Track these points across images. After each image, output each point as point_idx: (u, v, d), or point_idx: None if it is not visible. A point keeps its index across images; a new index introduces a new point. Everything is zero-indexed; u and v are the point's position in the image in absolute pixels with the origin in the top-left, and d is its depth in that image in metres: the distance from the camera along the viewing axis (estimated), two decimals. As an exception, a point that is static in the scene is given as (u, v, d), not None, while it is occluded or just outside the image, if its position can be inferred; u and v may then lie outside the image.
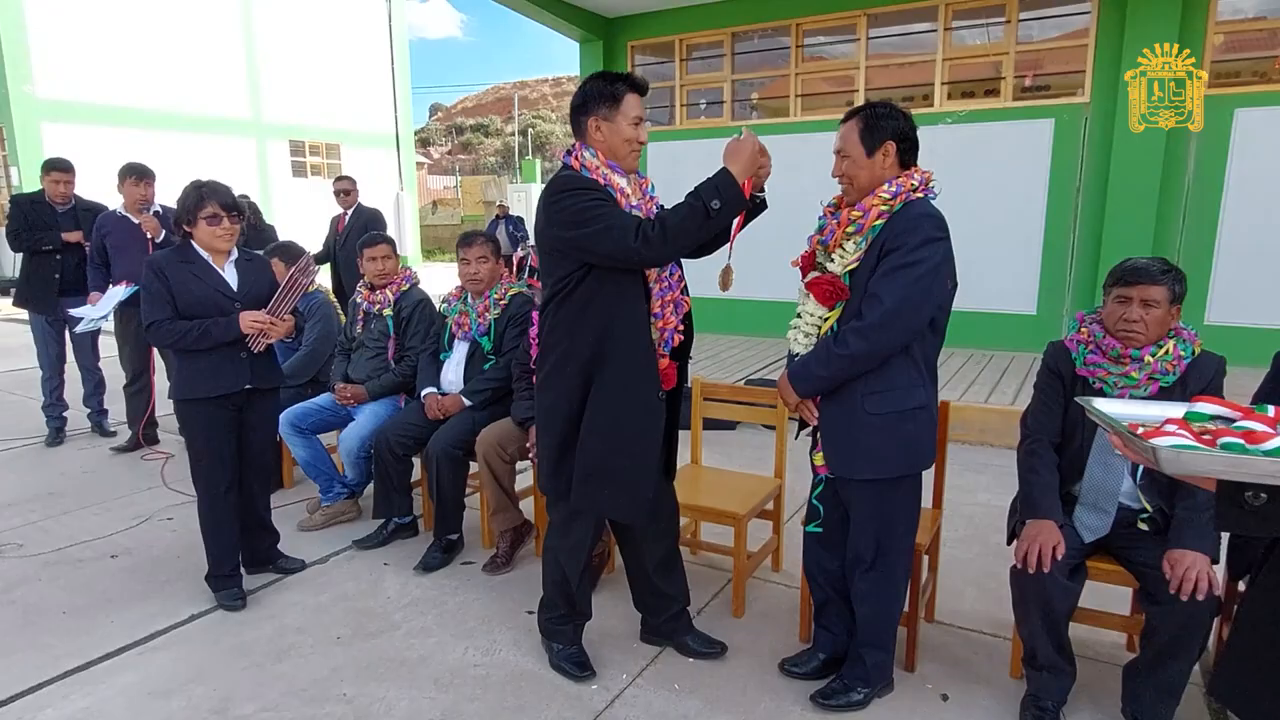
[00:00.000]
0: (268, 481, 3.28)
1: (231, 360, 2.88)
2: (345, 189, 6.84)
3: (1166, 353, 2.17)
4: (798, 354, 2.21)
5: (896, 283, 1.98)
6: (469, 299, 3.54)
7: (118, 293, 4.56)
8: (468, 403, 3.39)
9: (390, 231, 5.03)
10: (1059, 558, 2.12)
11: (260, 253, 3.50)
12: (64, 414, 5.24)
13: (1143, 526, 2.22)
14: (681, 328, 2.32)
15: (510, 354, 3.40)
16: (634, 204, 2.20)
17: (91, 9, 13.92)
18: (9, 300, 5.52)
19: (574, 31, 8.33)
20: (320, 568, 3.30)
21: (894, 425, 2.10)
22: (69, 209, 4.97)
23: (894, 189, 2.06)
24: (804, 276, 2.25)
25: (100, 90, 14.17)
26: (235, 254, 2.97)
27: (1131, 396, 2.20)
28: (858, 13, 7.26)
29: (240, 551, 3.08)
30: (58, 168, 4.93)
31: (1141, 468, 2.21)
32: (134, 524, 3.78)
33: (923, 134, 7.34)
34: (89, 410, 5.33)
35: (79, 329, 4.77)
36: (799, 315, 2.21)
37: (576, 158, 2.22)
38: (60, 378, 5.17)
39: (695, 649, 2.60)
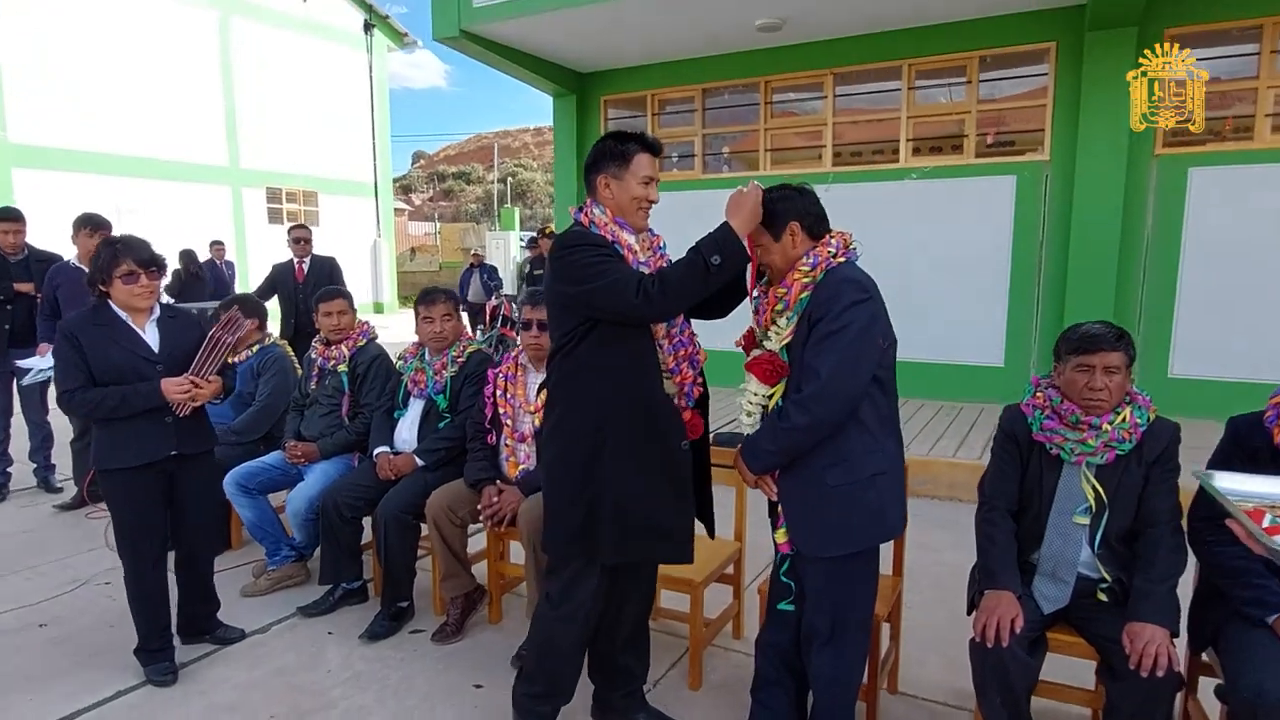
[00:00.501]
0: (209, 548, 3.13)
1: (156, 425, 2.71)
2: (304, 237, 6.78)
3: (1124, 420, 2.14)
4: (746, 433, 2.18)
5: (827, 351, 1.96)
6: (426, 355, 3.46)
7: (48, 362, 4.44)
8: (421, 462, 3.29)
9: (366, 278, 4.99)
10: (1018, 630, 2.05)
11: (213, 305, 3.43)
12: (8, 469, 5.05)
13: (1102, 597, 2.16)
14: (701, 380, 2.32)
15: (466, 413, 3.31)
16: (641, 260, 2.17)
17: (66, 54, 13.92)
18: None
19: (548, 86, 8.43)
20: (259, 637, 3.14)
21: (857, 495, 2.04)
22: (21, 259, 4.85)
23: (812, 260, 2.07)
24: (748, 354, 2.24)
25: (73, 136, 14.09)
26: (157, 312, 2.82)
27: (1088, 464, 2.17)
28: (824, 71, 7.42)
29: (175, 621, 2.93)
30: (7, 218, 4.83)
31: (1100, 535, 2.17)
32: (68, 589, 3.60)
33: (889, 188, 7.41)
34: (35, 465, 5.15)
35: (26, 380, 4.63)
36: (744, 395, 2.18)
37: (586, 214, 2.22)
38: (6, 431, 5.00)
39: (648, 727, 2.48)
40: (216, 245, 8.76)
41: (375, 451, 3.40)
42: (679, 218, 8.44)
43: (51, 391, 4.86)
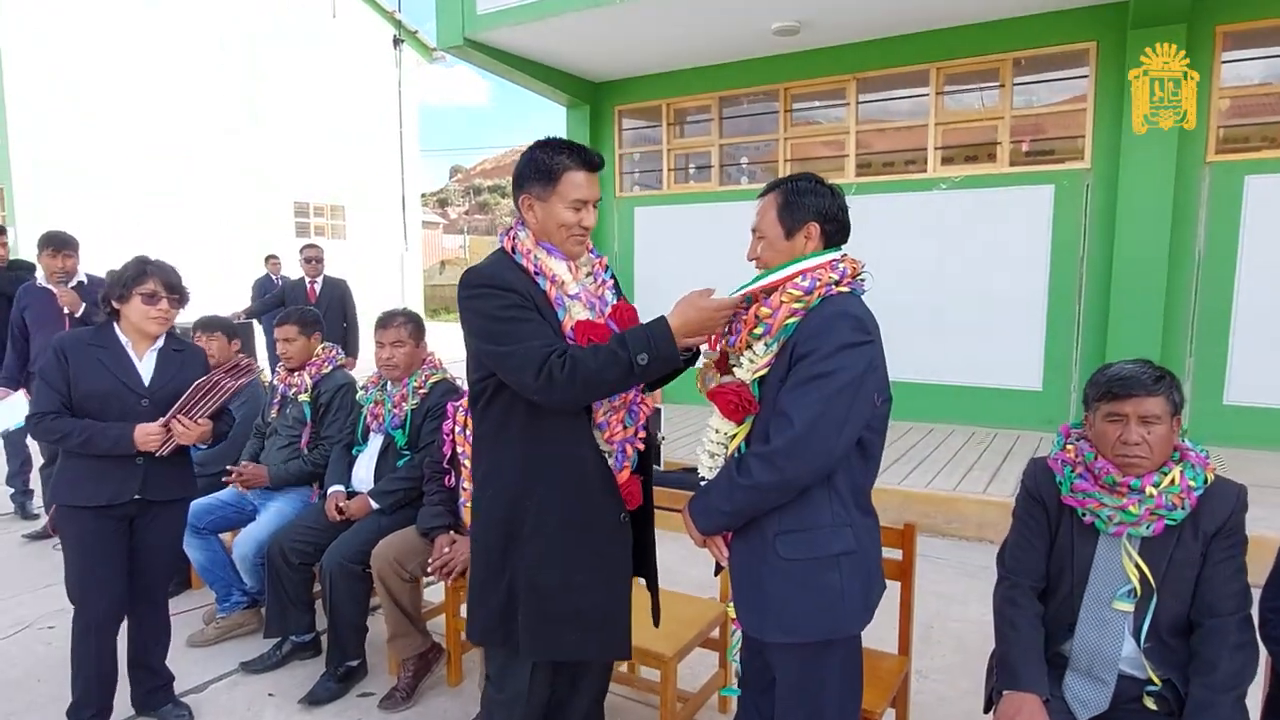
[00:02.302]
0: (157, 609, 2.71)
1: (123, 465, 2.44)
2: (316, 257, 6.63)
3: (1173, 483, 1.73)
4: (704, 478, 1.79)
5: (808, 398, 1.56)
6: (388, 386, 3.16)
7: (8, 415, 4.22)
8: (375, 505, 2.97)
9: (392, 291, 4.72)
10: (1044, 744, 1.65)
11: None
12: (-16, 495, 4.89)
13: (1150, 705, 1.74)
14: (642, 435, 1.89)
15: (426, 450, 2.99)
16: (572, 292, 1.80)
17: (95, 74, 14.10)
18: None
19: (560, 97, 8.17)
20: (194, 698, 2.83)
21: (812, 575, 1.64)
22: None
23: (809, 282, 1.65)
24: (718, 376, 1.85)
25: (101, 154, 14.25)
26: (160, 342, 2.56)
27: (1130, 535, 1.76)
28: (847, 77, 7.03)
29: (122, 687, 2.61)
30: None
31: (1146, 626, 1.75)
32: (9, 634, 3.35)
33: (916, 199, 6.93)
34: (12, 490, 4.96)
35: None
36: (706, 430, 1.79)
37: (510, 237, 1.85)
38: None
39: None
40: (272, 259, 8.69)
41: (329, 490, 3.10)
42: (696, 231, 8.17)
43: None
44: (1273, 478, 4.87)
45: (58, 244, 4.41)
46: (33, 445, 4.88)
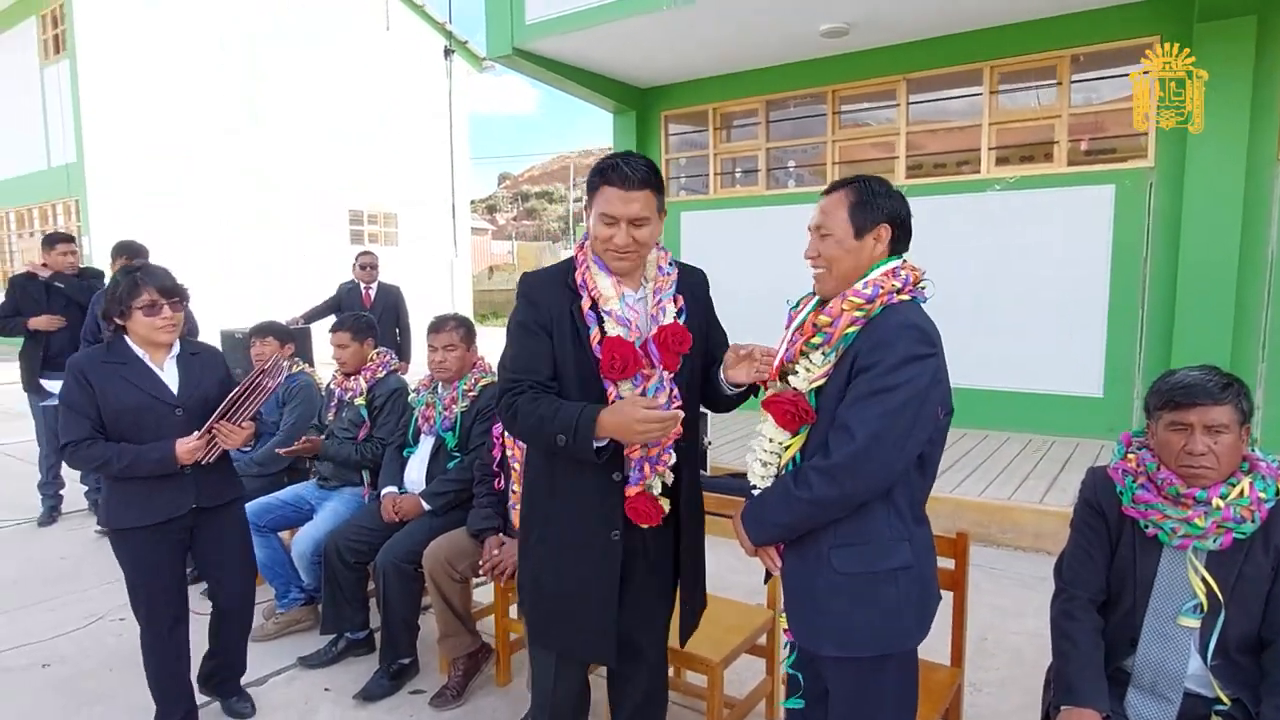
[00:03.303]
0: (244, 608, 2.74)
1: (171, 480, 2.42)
2: (371, 263, 6.79)
3: (1241, 494, 1.67)
4: (756, 486, 1.78)
5: (870, 412, 1.53)
6: (439, 389, 3.22)
7: None
8: (427, 506, 3.04)
9: (443, 296, 4.84)
10: (1105, 763, 1.60)
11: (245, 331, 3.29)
12: (60, 492, 5.12)
13: (1219, 724, 1.68)
14: (667, 458, 1.85)
15: (476, 452, 3.04)
16: (608, 309, 1.81)
17: (164, 89, 14.68)
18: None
19: (607, 102, 8.22)
20: (255, 690, 2.92)
21: (868, 589, 1.62)
22: (73, 277, 4.92)
23: (871, 290, 1.61)
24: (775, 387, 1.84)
25: (170, 165, 14.82)
26: (177, 348, 2.53)
27: (1196, 548, 1.70)
28: (897, 77, 6.92)
29: (196, 682, 2.69)
30: (62, 240, 4.95)
31: (1214, 643, 1.69)
32: (82, 625, 3.51)
33: (969, 201, 6.77)
34: (86, 487, 5.19)
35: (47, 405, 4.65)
36: (758, 438, 1.78)
37: (580, 246, 1.91)
38: (58, 455, 5.05)
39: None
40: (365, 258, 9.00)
41: (383, 491, 3.17)
42: (743, 235, 8.14)
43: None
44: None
45: (130, 252, 4.62)
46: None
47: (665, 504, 1.86)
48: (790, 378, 1.70)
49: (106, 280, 4.85)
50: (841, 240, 1.68)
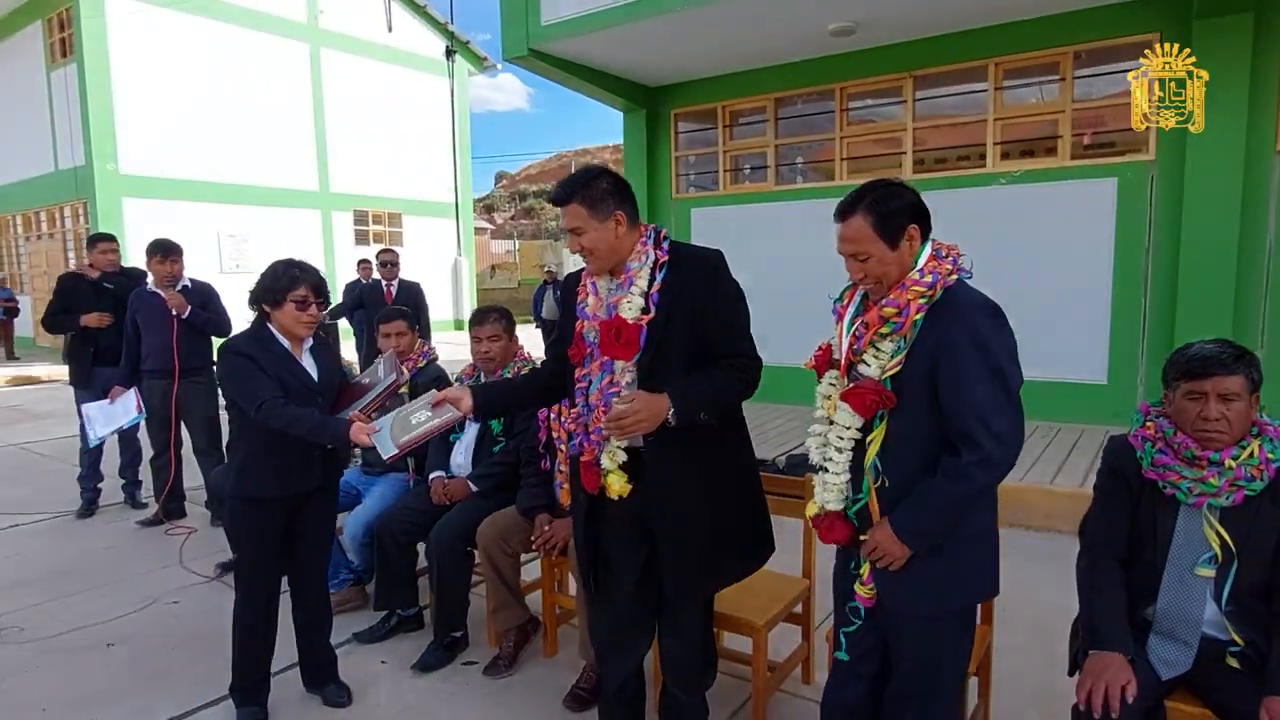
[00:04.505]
0: (322, 594, 2.87)
1: (304, 459, 2.59)
2: (391, 260, 6.95)
3: (1251, 455, 1.83)
4: (817, 463, 1.94)
5: (999, 397, 1.71)
6: (481, 378, 3.38)
7: (120, 413, 4.64)
8: (474, 488, 3.19)
9: (447, 295, 4.99)
10: (1129, 699, 1.76)
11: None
12: (98, 485, 5.26)
13: (1233, 663, 1.85)
14: (598, 435, 2.08)
15: (520, 436, 3.20)
16: (586, 301, 2.19)
17: (170, 91, 14.81)
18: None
19: (617, 101, 8.38)
20: (315, 665, 3.08)
21: (960, 552, 1.82)
22: (115, 275, 5.07)
23: (931, 277, 1.76)
24: (820, 377, 2.00)
25: (177, 166, 14.96)
26: (309, 341, 2.70)
27: (1210, 505, 1.86)
28: (904, 74, 7.09)
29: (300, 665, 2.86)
30: (103, 239, 5.11)
31: (1228, 590, 1.85)
32: (139, 607, 3.67)
33: (975, 195, 6.97)
34: (123, 481, 5.34)
35: (93, 440, 4.78)
36: (828, 425, 1.91)
37: None
38: (98, 449, 5.19)
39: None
40: (364, 264, 9.16)
41: (431, 475, 3.33)
42: (752, 230, 8.30)
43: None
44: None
45: (165, 250, 4.76)
46: (141, 439, 5.24)
47: (618, 478, 2.08)
48: (860, 368, 1.85)
49: (148, 281, 5.01)
50: (881, 257, 1.79)
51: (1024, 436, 1.75)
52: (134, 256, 5.27)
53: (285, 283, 2.57)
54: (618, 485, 2.07)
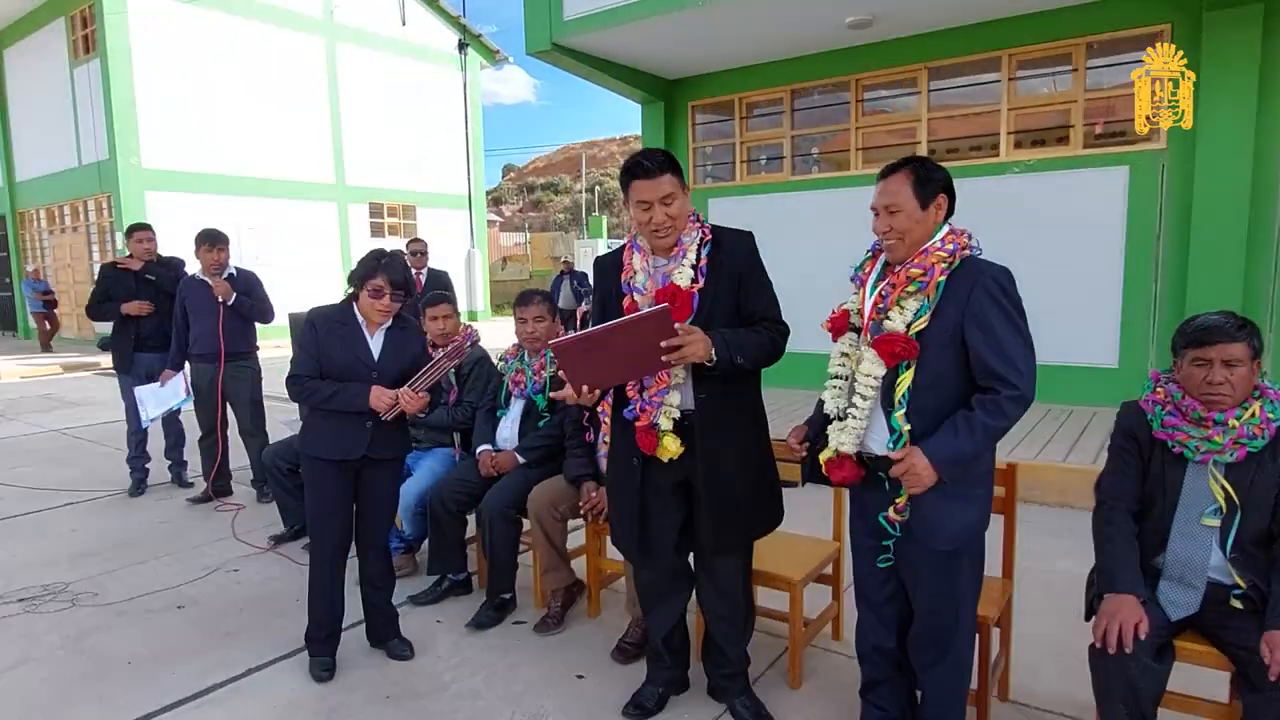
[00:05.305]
0: (381, 555, 3.05)
1: (355, 428, 2.83)
2: (420, 250, 7.12)
3: (1253, 415, 2.01)
4: (833, 413, 2.16)
5: (1020, 340, 1.98)
6: (525, 356, 3.58)
7: (170, 395, 4.92)
8: (521, 460, 3.40)
9: (461, 287, 5.17)
10: (1142, 636, 1.95)
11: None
12: (146, 465, 5.49)
13: (1236, 604, 2.03)
14: (673, 401, 2.28)
15: (564, 411, 3.40)
16: (636, 281, 2.36)
17: (191, 85, 15.04)
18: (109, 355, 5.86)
19: (636, 94, 8.55)
20: (375, 624, 3.30)
21: (969, 490, 2.05)
22: (153, 263, 5.28)
23: (951, 246, 2.02)
24: (835, 338, 2.22)
25: (198, 160, 15.20)
26: (389, 322, 2.93)
27: (1216, 462, 2.05)
28: (918, 66, 7.24)
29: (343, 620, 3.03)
30: (141, 228, 5.34)
31: (1232, 538, 2.04)
32: (202, 575, 3.89)
33: (988, 184, 7.17)
34: (169, 462, 5.57)
35: (146, 420, 5.04)
36: (852, 378, 2.13)
37: (630, 231, 2.50)
38: (144, 431, 5.42)
39: (744, 716, 2.51)
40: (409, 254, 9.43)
41: (478, 449, 3.54)
42: (768, 220, 8.46)
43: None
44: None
45: (212, 240, 4.97)
46: (184, 421, 5.47)
47: (673, 440, 2.29)
48: (885, 323, 2.06)
49: (187, 268, 5.23)
50: (911, 213, 2.05)
51: (1035, 375, 2.00)
52: (160, 248, 5.49)
53: (366, 270, 2.81)
54: (673, 447, 2.28)
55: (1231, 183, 5.87)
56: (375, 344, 2.90)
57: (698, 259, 2.31)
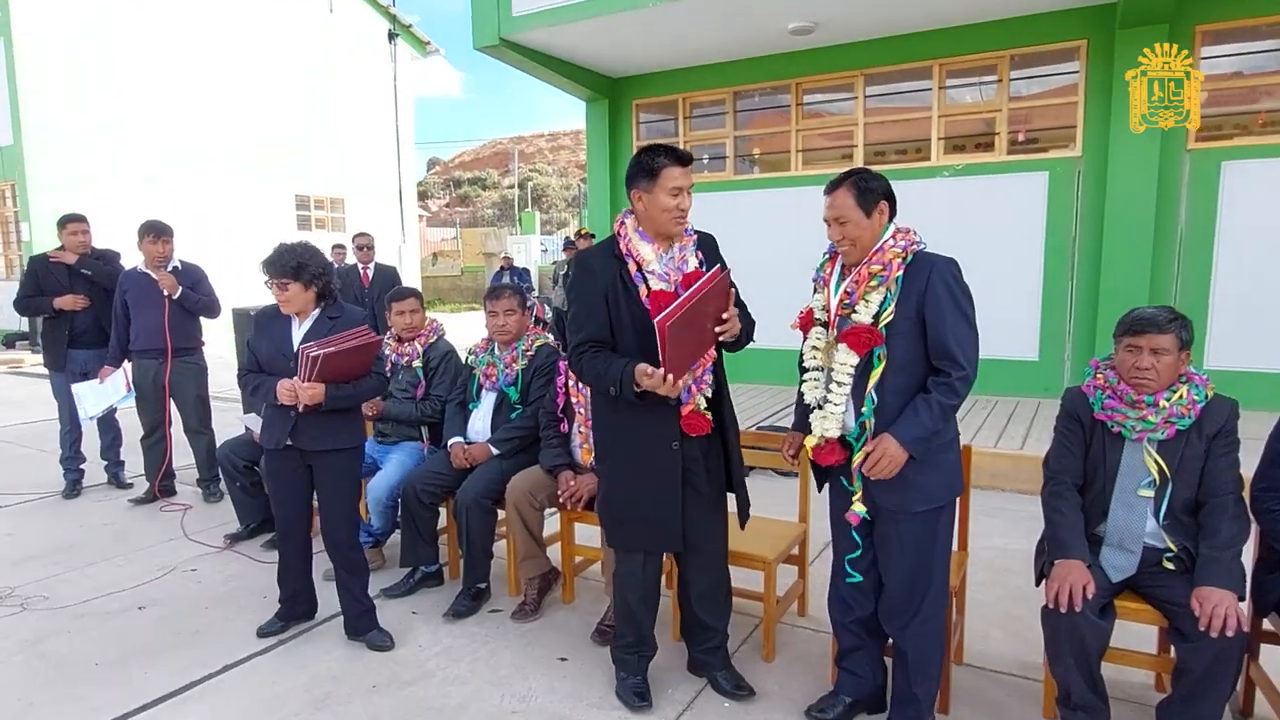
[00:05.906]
0: (344, 550, 3.04)
1: (282, 418, 2.93)
2: (367, 244, 7.05)
3: (1180, 397, 2.27)
4: (812, 402, 2.35)
5: (967, 325, 2.21)
6: (496, 350, 3.63)
7: (111, 392, 4.80)
8: (495, 451, 3.46)
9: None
10: (1090, 597, 2.18)
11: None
12: (81, 466, 5.27)
13: (1168, 565, 2.29)
14: (708, 380, 2.46)
15: (537, 403, 3.47)
16: (650, 269, 2.40)
17: (101, 71, 14.27)
18: (20, 354, 5.57)
19: (581, 91, 8.62)
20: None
21: (939, 456, 2.27)
22: (88, 257, 5.04)
23: (904, 242, 2.26)
24: (805, 335, 2.42)
25: (109, 147, 14.44)
26: (317, 312, 2.99)
27: (1149, 439, 2.29)
28: (855, 72, 7.55)
29: (307, 603, 3.25)
30: (74, 220, 5.06)
31: (1164, 507, 2.29)
32: (159, 575, 3.80)
33: (921, 186, 7.58)
34: (106, 462, 5.36)
35: (86, 417, 4.86)
36: (828, 369, 2.32)
37: (620, 223, 2.49)
38: (79, 430, 5.20)
39: (725, 688, 2.65)
40: (337, 249, 9.13)
41: (450, 442, 3.57)
42: (711, 218, 8.64)
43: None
44: (1250, 431, 5.47)
45: (157, 231, 4.81)
46: (121, 421, 5.26)
47: (710, 417, 2.44)
48: (853, 317, 2.26)
49: (124, 261, 5.04)
50: (858, 222, 2.29)
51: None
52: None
53: (263, 268, 2.92)
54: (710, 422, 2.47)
55: (1141, 187, 6.36)
56: (299, 333, 2.98)
57: (695, 249, 2.50)
